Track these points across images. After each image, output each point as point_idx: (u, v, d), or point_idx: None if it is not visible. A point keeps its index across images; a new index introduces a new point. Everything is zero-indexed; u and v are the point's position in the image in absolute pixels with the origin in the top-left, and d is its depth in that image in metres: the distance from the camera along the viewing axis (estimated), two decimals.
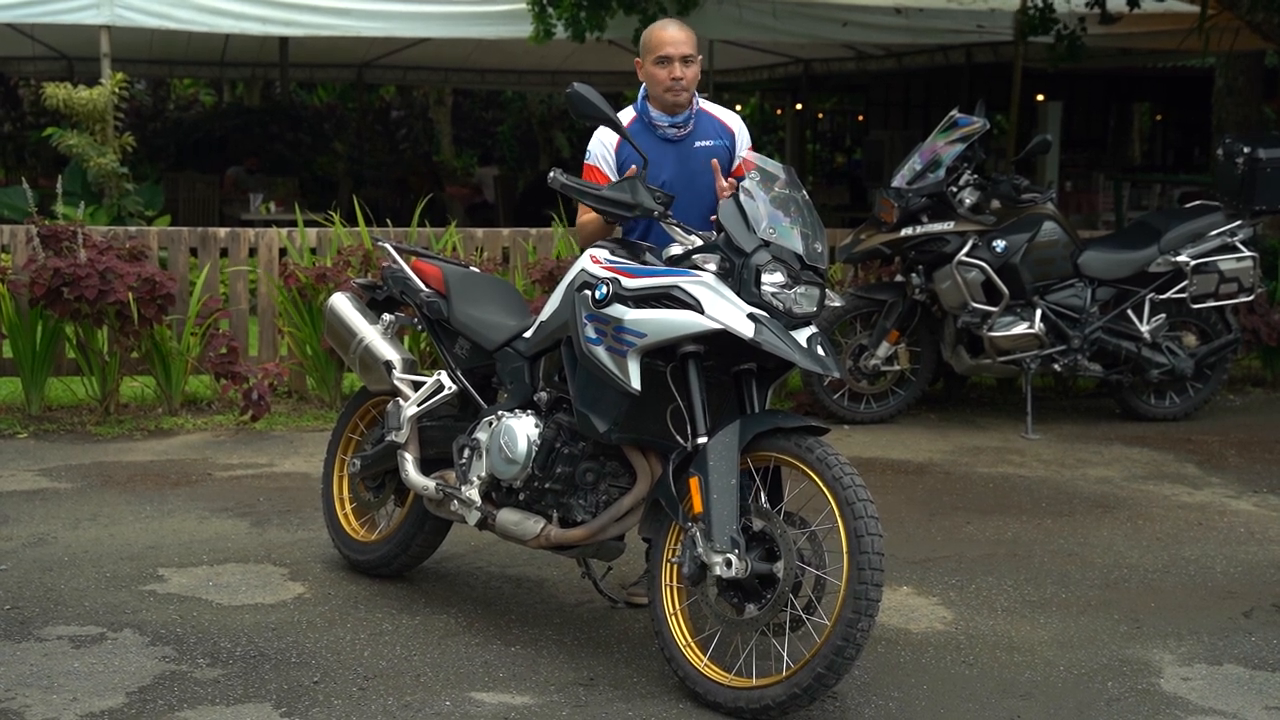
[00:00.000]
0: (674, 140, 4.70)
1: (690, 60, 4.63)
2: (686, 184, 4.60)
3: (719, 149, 4.69)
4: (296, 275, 7.77)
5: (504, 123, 23.86)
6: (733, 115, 4.84)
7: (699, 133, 4.72)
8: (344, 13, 11.74)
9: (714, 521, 3.93)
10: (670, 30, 4.70)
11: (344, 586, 5.01)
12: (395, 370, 4.95)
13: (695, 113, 4.73)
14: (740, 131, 4.80)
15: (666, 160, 4.64)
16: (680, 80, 4.62)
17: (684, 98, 4.66)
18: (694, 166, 4.66)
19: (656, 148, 4.63)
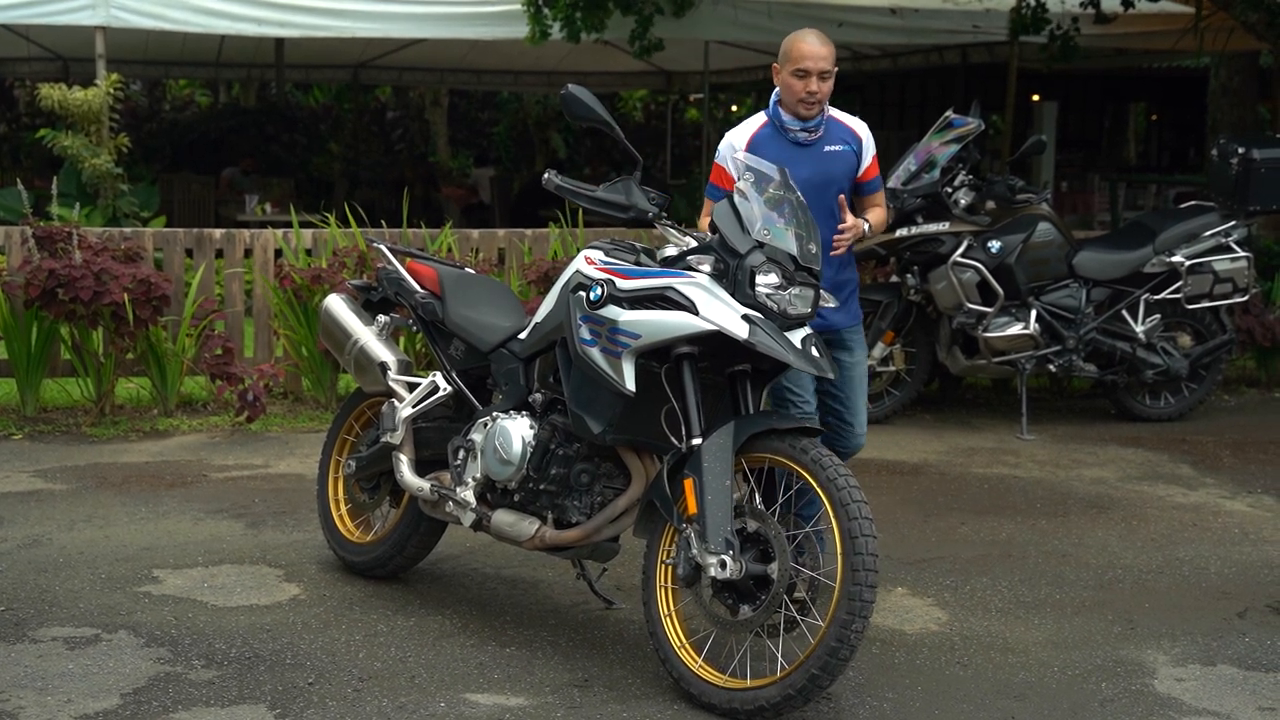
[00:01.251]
0: (805, 144, 4.77)
1: (827, 75, 4.69)
2: (818, 187, 4.69)
3: (847, 154, 4.81)
4: (292, 276, 7.77)
5: (500, 124, 23.84)
6: (859, 122, 4.91)
7: (828, 138, 4.81)
8: (339, 14, 11.73)
9: (709, 523, 3.93)
10: (811, 43, 4.73)
11: (339, 588, 5.01)
12: (390, 371, 4.95)
13: (825, 119, 4.80)
14: (866, 139, 4.88)
15: (798, 163, 4.65)
16: (815, 94, 4.69)
17: (816, 110, 4.74)
18: (825, 170, 4.77)
19: (787, 151, 4.72)
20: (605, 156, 22.54)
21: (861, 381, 4.95)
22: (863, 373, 4.96)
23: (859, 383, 4.93)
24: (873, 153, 4.90)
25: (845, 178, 4.84)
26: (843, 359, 4.84)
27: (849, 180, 4.85)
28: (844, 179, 4.83)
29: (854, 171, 4.85)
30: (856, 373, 4.91)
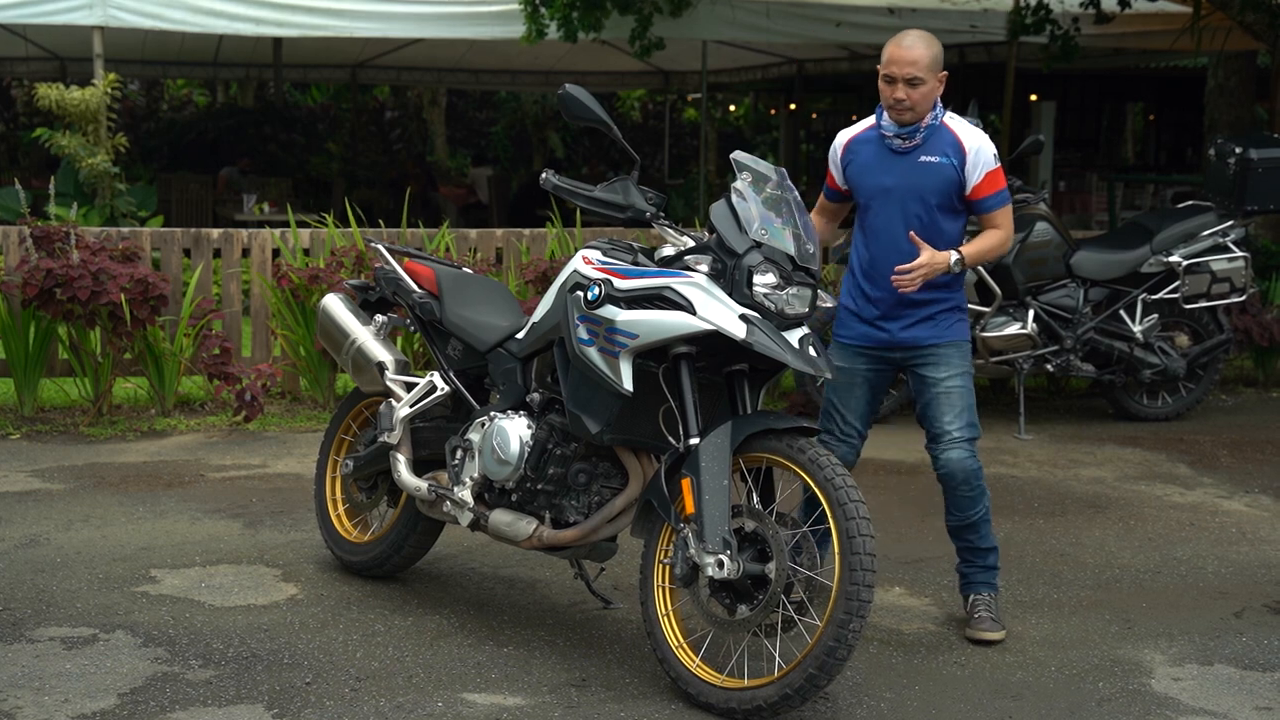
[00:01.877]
0: (899, 151, 4.58)
1: (918, 82, 4.45)
2: (902, 198, 4.55)
3: (944, 167, 4.54)
4: (290, 276, 7.77)
5: (498, 123, 23.86)
6: (976, 136, 4.58)
7: (927, 147, 4.55)
8: (337, 13, 11.73)
9: (706, 522, 3.93)
10: (901, 46, 4.49)
11: (336, 587, 5.01)
12: (388, 371, 4.95)
13: (933, 127, 4.55)
14: (975, 152, 4.53)
15: (890, 171, 4.57)
16: (903, 101, 4.48)
17: (908, 117, 4.52)
18: (914, 180, 4.55)
19: (881, 157, 4.60)
20: (603, 156, 22.57)
21: (949, 399, 4.60)
22: (951, 390, 4.60)
23: (945, 400, 4.60)
24: (987, 168, 4.53)
25: (937, 192, 4.54)
26: (927, 376, 4.62)
27: (944, 195, 4.55)
28: (935, 193, 4.54)
29: (952, 186, 4.54)
30: (940, 390, 4.61)
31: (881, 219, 4.61)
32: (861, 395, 4.73)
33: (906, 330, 4.62)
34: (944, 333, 4.64)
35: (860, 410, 4.74)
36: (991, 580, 4.73)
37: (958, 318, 4.68)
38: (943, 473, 4.65)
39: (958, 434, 4.61)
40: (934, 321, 4.63)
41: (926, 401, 4.65)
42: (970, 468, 4.63)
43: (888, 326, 4.64)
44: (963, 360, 4.66)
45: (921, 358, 4.64)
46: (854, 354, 4.72)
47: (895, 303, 4.59)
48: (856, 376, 4.71)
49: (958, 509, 4.69)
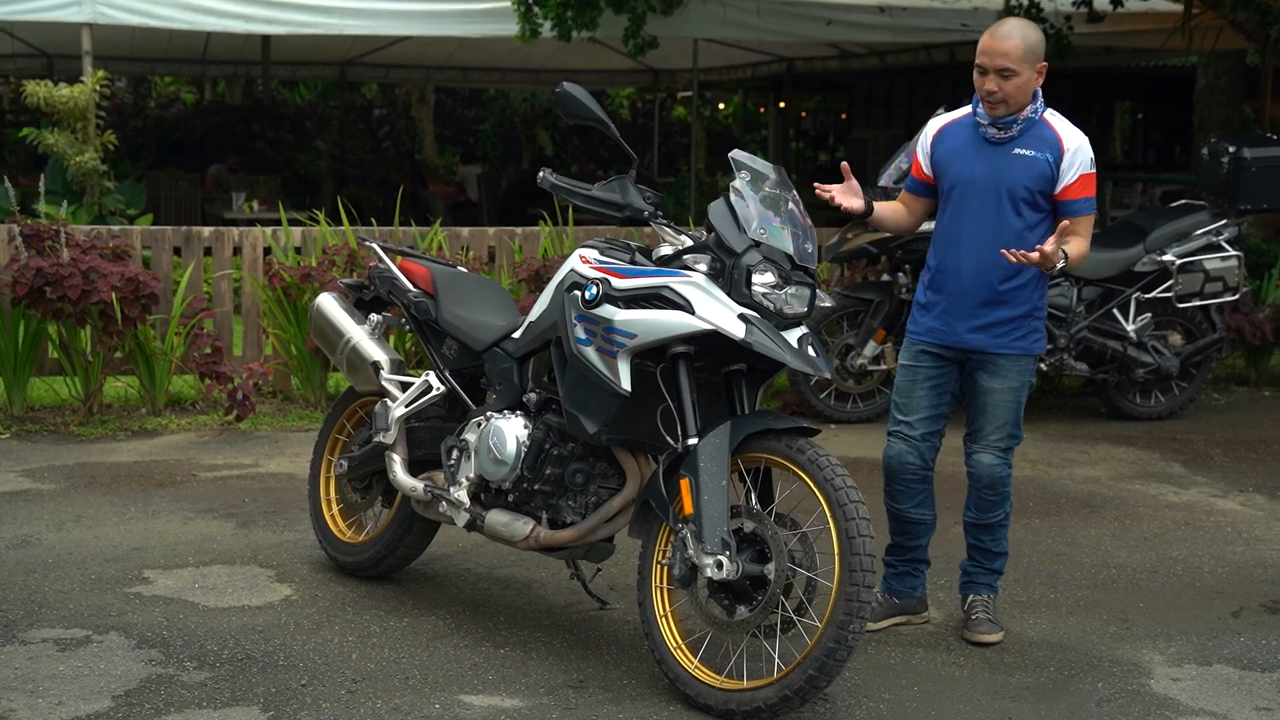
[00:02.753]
0: (994, 141, 4.45)
1: (1010, 74, 4.32)
2: (991, 188, 4.41)
3: (1038, 161, 4.38)
4: (281, 275, 7.73)
5: (487, 121, 23.80)
6: (1075, 134, 4.44)
7: (1024, 140, 4.41)
8: (326, 10, 11.69)
9: (705, 523, 3.91)
10: (994, 37, 4.36)
11: (331, 588, 4.98)
12: (383, 371, 4.92)
13: (1031, 120, 4.42)
14: (1073, 152, 4.39)
15: (981, 160, 4.44)
16: (994, 94, 4.35)
17: (1001, 110, 4.39)
18: (1005, 172, 4.41)
19: (972, 144, 4.48)
20: (593, 154, 22.53)
21: (994, 411, 4.51)
22: (998, 403, 4.50)
23: (990, 410, 4.52)
24: (1082, 170, 4.37)
25: (1027, 186, 4.39)
26: (979, 382, 4.51)
27: (1034, 192, 4.39)
28: (1025, 187, 4.39)
29: (1044, 183, 4.38)
30: (989, 400, 4.51)
31: (964, 209, 4.47)
32: (924, 395, 4.56)
33: (975, 333, 4.48)
34: (1012, 343, 4.49)
35: (922, 410, 4.56)
36: (993, 583, 4.71)
37: (1031, 326, 4.52)
38: (971, 471, 4.62)
39: (995, 440, 4.55)
40: (1005, 329, 4.48)
41: (973, 403, 4.58)
42: (999, 474, 4.57)
43: (956, 325, 4.49)
44: (1022, 373, 4.52)
45: (981, 363, 4.51)
46: (918, 351, 4.58)
47: (970, 299, 4.46)
48: (919, 375, 4.57)
49: (978, 508, 4.65)
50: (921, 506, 4.64)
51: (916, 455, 4.58)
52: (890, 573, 4.74)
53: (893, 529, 4.70)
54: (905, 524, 4.66)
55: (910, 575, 4.72)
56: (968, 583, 4.74)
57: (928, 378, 4.56)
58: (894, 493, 4.65)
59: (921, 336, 4.58)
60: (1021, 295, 4.46)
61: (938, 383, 4.57)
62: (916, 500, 4.63)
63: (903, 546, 4.70)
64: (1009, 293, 4.45)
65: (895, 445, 4.61)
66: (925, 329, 4.57)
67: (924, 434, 4.57)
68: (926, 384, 4.57)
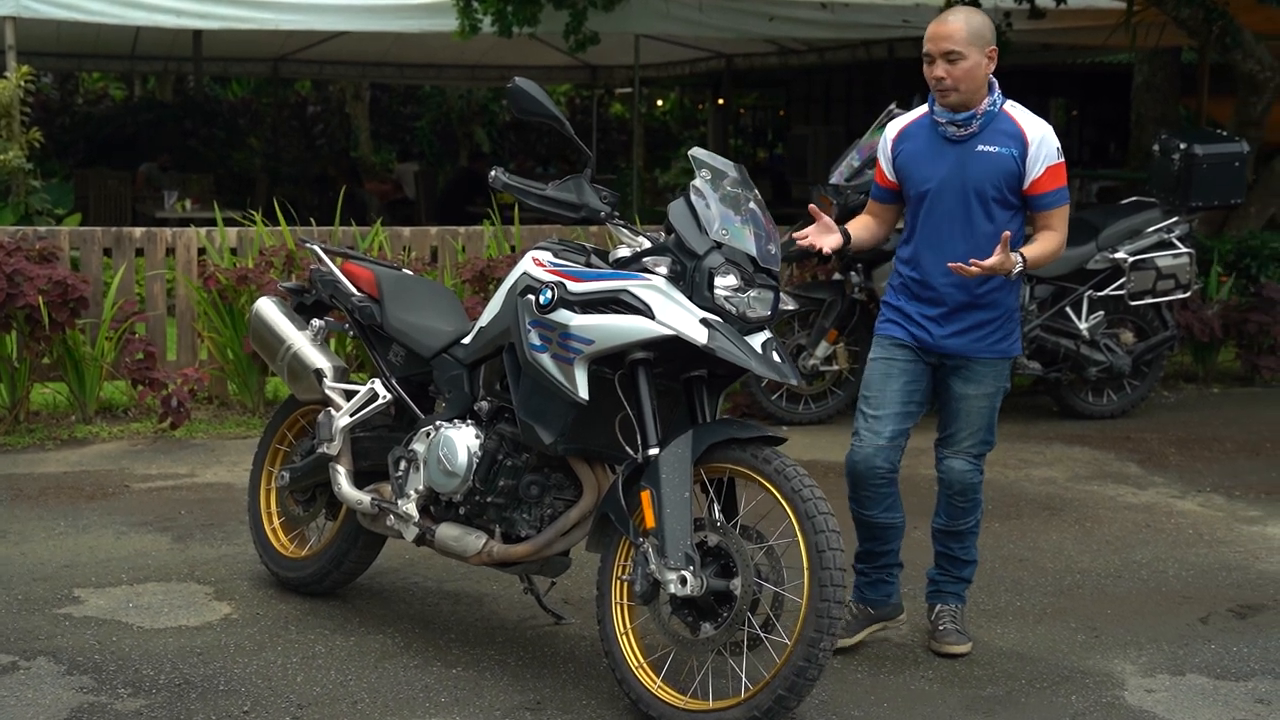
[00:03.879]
0: (954, 140, 4.24)
1: (956, 57, 4.12)
2: (957, 190, 4.21)
3: (1003, 157, 4.18)
4: (216, 277, 7.49)
5: (423, 118, 23.53)
6: (1038, 125, 4.23)
7: (986, 136, 4.22)
8: (259, 5, 11.44)
9: (667, 537, 3.74)
10: (939, 22, 4.19)
11: (273, 606, 4.77)
12: (326, 378, 4.71)
13: (989, 114, 4.22)
14: (1038, 143, 4.19)
15: (943, 160, 4.23)
16: (943, 80, 4.15)
17: (953, 98, 4.18)
18: (970, 172, 4.20)
19: (934, 145, 4.27)
20: (530, 150, 22.32)
21: (967, 417, 4.37)
22: (973, 409, 4.37)
23: (963, 416, 4.37)
24: (1049, 162, 4.18)
25: (995, 184, 4.19)
26: (953, 388, 4.35)
27: (1002, 189, 4.20)
28: (993, 186, 4.19)
29: (1011, 179, 4.19)
30: (963, 406, 4.36)
31: (933, 213, 4.26)
32: (896, 390, 4.32)
33: (951, 338, 4.31)
34: (990, 347, 4.34)
35: (893, 405, 4.32)
36: (961, 592, 4.57)
37: (1007, 330, 4.37)
38: (942, 478, 4.48)
39: (968, 446, 4.42)
40: (980, 333, 4.32)
41: (947, 407, 4.41)
42: (971, 480, 4.44)
43: (932, 330, 4.31)
44: (998, 378, 4.39)
45: (957, 368, 4.35)
46: (892, 345, 4.37)
47: (943, 305, 4.28)
48: (893, 367, 4.34)
49: (948, 514, 4.50)
50: (890, 510, 4.41)
51: (884, 459, 4.34)
52: (862, 581, 4.51)
53: (861, 535, 4.48)
54: (875, 529, 4.44)
55: (884, 582, 4.52)
56: (935, 592, 4.59)
57: (902, 370, 4.35)
58: (861, 499, 4.40)
59: (897, 336, 4.37)
60: (997, 297, 4.31)
61: (911, 378, 4.35)
62: (885, 504, 4.39)
63: (873, 553, 4.49)
64: (985, 295, 4.28)
65: (862, 448, 4.35)
66: (902, 331, 4.37)
67: (892, 434, 4.33)
68: (900, 378, 4.34)
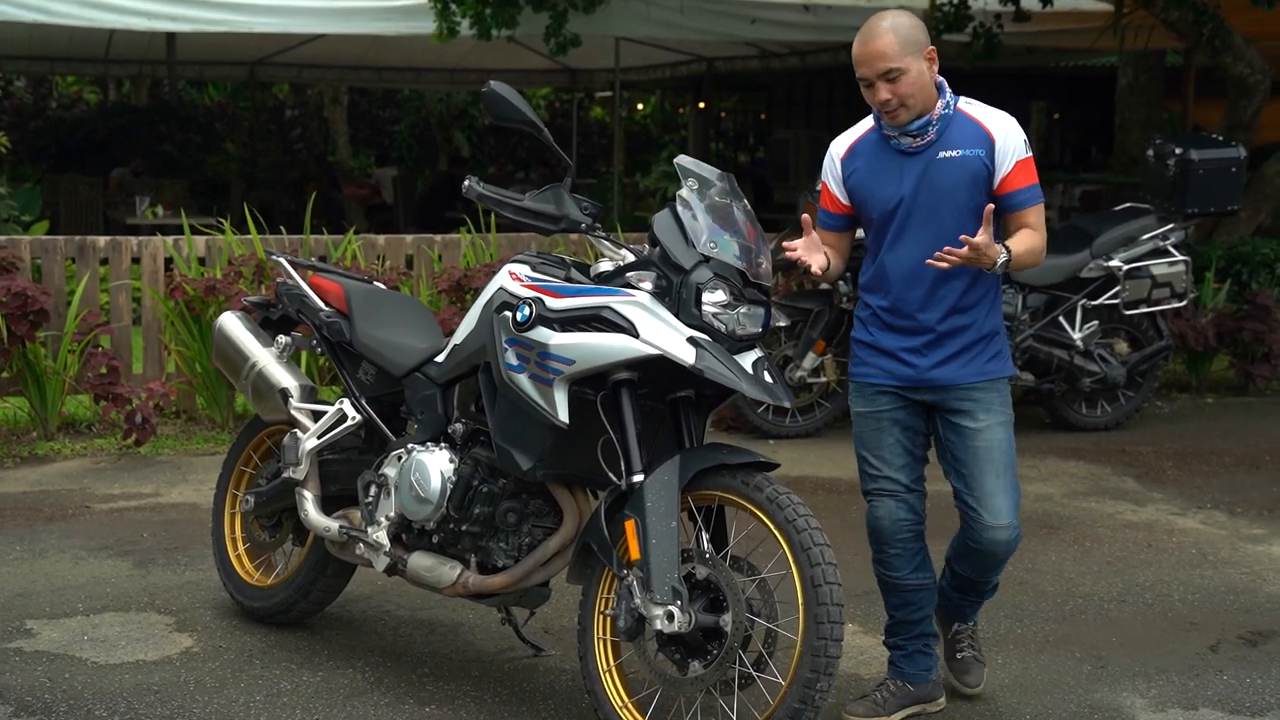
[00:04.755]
0: (911, 152, 3.84)
1: (896, 74, 3.71)
2: (928, 205, 3.80)
3: (969, 160, 3.79)
4: (183, 287, 7.24)
5: (401, 122, 23.27)
6: (1001, 119, 3.85)
7: (945, 141, 3.81)
8: (234, 7, 11.21)
9: (653, 569, 3.52)
10: (864, 42, 3.77)
11: (237, 638, 4.53)
12: (292, 398, 4.48)
13: (945, 117, 3.82)
14: (1004, 139, 3.80)
15: (905, 175, 3.82)
16: (889, 102, 3.75)
17: (904, 116, 3.78)
18: (937, 182, 3.80)
19: (890, 160, 3.85)
20: (510, 155, 22.07)
21: (990, 455, 3.82)
22: (992, 444, 3.83)
23: (985, 456, 3.82)
24: (1017, 156, 3.79)
25: (966, 190, 3.79)
26: (962, 425, 3.85)
27: (974, 193, 3.79)
28: (964, 192, 3.79)
29: (982, 181, 3.79)
30: (980, 442, 3.83)
31: (902, 235, 3.82)
32: (894, 440, 3.90)
33: (938, 369, 3.84)
34: (981, 369, 3.86)
35: (898, 457, 3.91)
36: (978, 607, 4.18)
37: (996, 348, 3.90)
38: (977, 548, 3.90)
39: (1003, 502, 3.84)
40: (969, 356, 3.85)
41: (960, 456, 3.86)
42: (1014, 543, 3.91)
43: (915, 362, 3.85)
44: (1003, 405, 3.88)
45: (956, 401, 3.85)
46: (874, 393, 3.92)
47: (925, 334, 3.84)
48: (883, 420, 3.90)
49: (978, 570, 4.00)
50: (921, 570, 3.98)
51: (908, 510, 3.93)
52: (898, 655, 4.03)
53: (891, 603, 4.03)
54: (905, 594, 3.98)
55: (922, 654, 4.01)
56: (950, 608, 4.15)
57: (894, 420, 3.91)
58: (888, 559, 3.97)
59: (875, 378, 3.92)
60: (978, 316, 3.87)
61: (906, 425, 3.91)
62: (915, 563, 3.96)
63: (906, 623, 4.01)
64: (966, 315, 3.85)
65: (883, 504, 3.92)
66: (878, 369, 3.91)
67: (907, 485, 3.93)
68: (895, 428, 3.91)
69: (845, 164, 3.95)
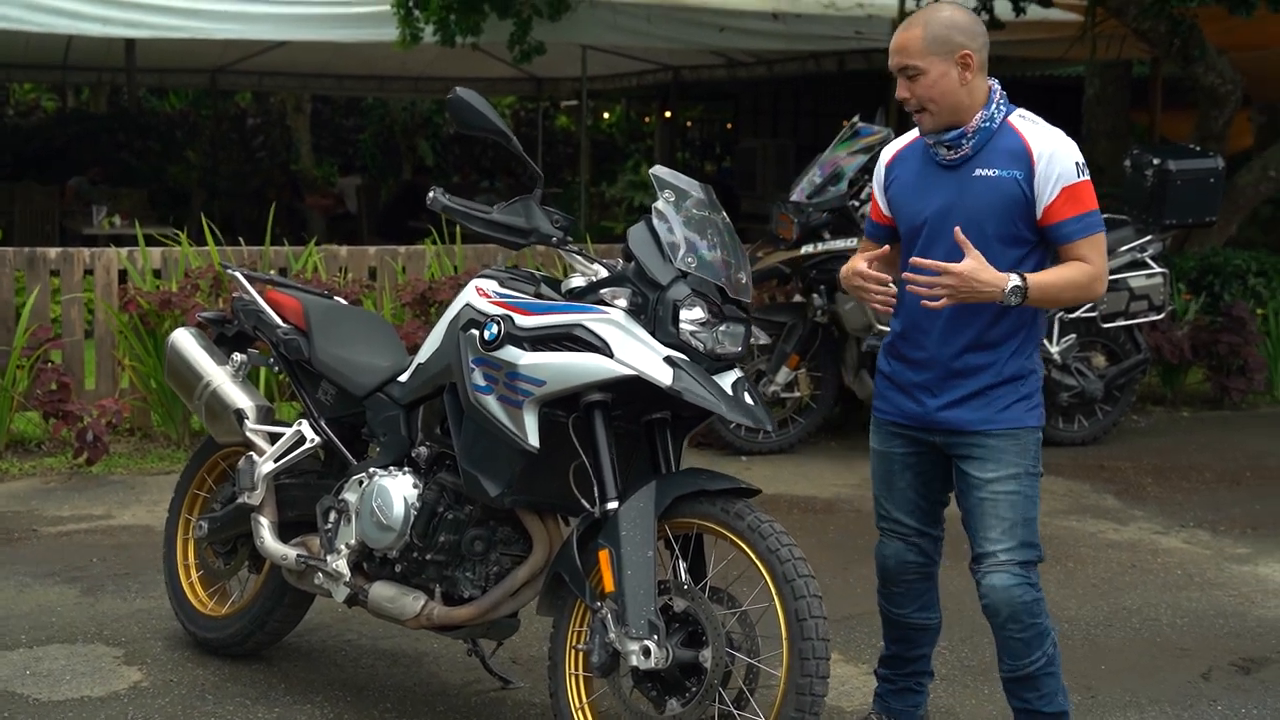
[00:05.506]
0: (948, 165, 3.53)
1: (914, 72, 3.44)
2: (958, 217, 3.45)
3: (1004, 182, 3.43)
4: (138, 301, 7.01)
5: (365, 130, 23.04)
6: (1048, 137, 3.46)
7: (983, 158, 3.48)
8: (194, 13, 10.98)
9: (628, 602, 3.34)
10: (898, 31, 3.51)
11: (189, 671, 4.31)
12: (248, 420, 4.28)
13: (985, 130, 3.48)
14: (1047, 161, 3.41)
15: (937, 190, 3.52)
16: (907, 101, 3.47)
17: (927, 121, 3.50)
18: (966, 202, 3.46)
19: (930, 174, 3.55)
20: (475, 163, 21.87)
21: (995, 510, 3.51)
22: (999, 498, 3.51)
23: (990, 510, 3.52)
24: (1065, 181, 3.40)
25: (998, 216, 3.44)
26: (969, 474, 3.54)
27: (1005, 223, 3.44)
28: (995, 217, 3.44)
29: (1019, 209, 3.43)
30: (985, 494, 3.52)
31: (924, 256, 3.48)
32: (905, 485, 3.68)
33: (947, 410, 3.54)
34: (997, 416, 3.52)
35: (908, 503, 3.69)
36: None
37: (1020, 394, 3.54)
38: (984, 604, 3.57)
39: (1004, 551, 3.51)
40: (985, 400, 3.52)
41: (968, 507, 3.58)
42: (1019, 599, 3.52)
43: (925, 400, 3.57)
44: (1020, 456, 3.53)
45: (965, 447, 3.55)
46: (888, 433, 3.68)
47: (937, 369, 3.55)
48: (894, 463, 3.68)
49: (1008, 655, 3.61)
50: (925, 610, 3.80)
51: (918, 552, 3.72)
52: (887, 689, 3.88)
53: (889, 636, 3.87)
54: (905, 631, 3.82)
55: (912, 691, 3.87)
56: None
57: (906, 465, 3.67)
58: (892, 596, 3.79)
59: (889, 415, 3.68)
60: (1001, 355, 3.52)
61: (920, 469, 3.66)
62: (920, 603, 3.78)
63: (902, 658, 3.85)
64: (987, 353, 3.51)
65: (891, 544, 3.75)
66: (893, 408, 3.66)
67: (919, 528, 3.71)
68: (907, 473, 3.67)
69: (888, 171, 3.69)
